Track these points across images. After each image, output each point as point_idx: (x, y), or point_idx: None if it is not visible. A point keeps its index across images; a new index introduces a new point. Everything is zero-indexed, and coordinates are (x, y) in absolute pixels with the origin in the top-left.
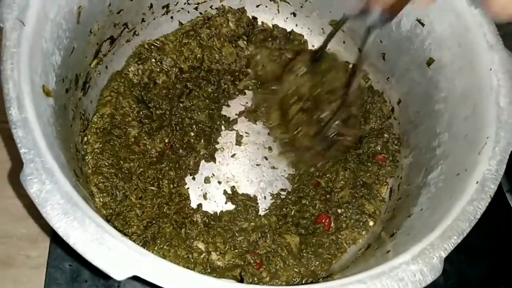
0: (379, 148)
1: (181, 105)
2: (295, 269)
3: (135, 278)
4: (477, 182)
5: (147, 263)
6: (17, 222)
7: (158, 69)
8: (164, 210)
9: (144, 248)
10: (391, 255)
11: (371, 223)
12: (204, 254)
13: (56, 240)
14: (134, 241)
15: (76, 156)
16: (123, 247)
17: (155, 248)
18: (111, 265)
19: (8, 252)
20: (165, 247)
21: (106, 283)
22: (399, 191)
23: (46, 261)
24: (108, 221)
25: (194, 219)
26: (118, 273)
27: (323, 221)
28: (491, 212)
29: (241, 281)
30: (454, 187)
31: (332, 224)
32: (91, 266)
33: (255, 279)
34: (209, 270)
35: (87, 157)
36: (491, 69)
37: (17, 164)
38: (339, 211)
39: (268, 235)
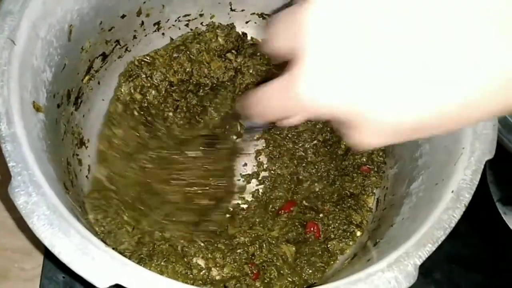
0: (364, 160)
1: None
2: (288, 278)
3: (119, 286)
4: (452, 191)
5: (128, 272)
6: (12, 235)
7: (149, 84)
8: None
9: (140, 264)
10: (370, 263)
11: (358, 233)
12: (204, 270)
13: (50, 252)
14: (129, 258)
15: (67, 169)
16: (106, 257)
17: (152, 265)
18: (94, 274)
19: (3, 264)
20: (162, 263)
21: None
22: (385, 201)
23: (40, 273)
24: (102, 240)
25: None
26: (101, 282)
27: (312, 229)
28: (482, 222)
29: None
30: (432, 196)
31: (321, 233)
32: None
33: None
34: (208, 284)
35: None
36: None
37: (6, 177)
38: (325, 221)
39: (264, 245)
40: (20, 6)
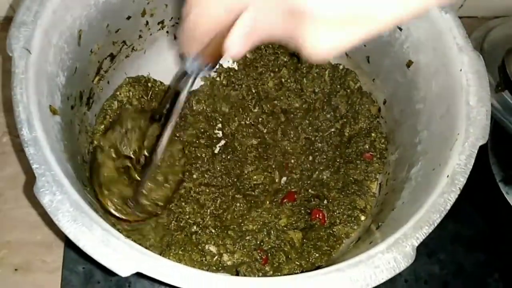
0: (367, 147)
1: None
2: (296, 262)
3: (140, 275)
4: (448, 176)
5: (147, 261)
6: (33, 230)
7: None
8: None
9: (161, 255)
10: (372, 246)
11: (362, 218)
12: (216, 256)
13: (70, 245)
14: (152, 251)
15: (83, 167)
16: (126, 247)
17: (171, 254)
18: (116, 263)
19: (26, 258)
20: (179, 252)
21: (117, 283)
22: (387, 186)
23: (61, 265)
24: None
25: (206, 225)
26: (123, 270)
27: (317, 216)
28: (485, 203)
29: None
30: (429, 181)
31: (327, 219)
32: (103, 268)
33: (260, 274)
34: (220, 269)
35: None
36: (461, 70)
37: (29, 176)
38: (330, 207)
39: (272, 232)
40: (33, 16)
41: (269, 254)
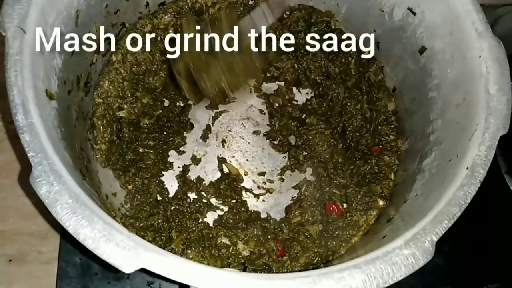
0: (377, 141)
1: None
2: (313, 249)
3: (143, 270)
4: (467, 168)
5: (153, 256)
6: (27, 220)
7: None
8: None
9: (181, 255)
10: (386, 240)
11: (380, 203)
12: (231, 247)
13: (66, 235)
14: (175, 252)
15: (81, 156)
16: (130, 242)
17: (191, 254)
18: (120, 259)
19: (21, 248)
20: (200, 248)
21: (116, 275)
22: (396, 178)
23: (57, 256)
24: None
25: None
26: (127, 267)
27: (331, 208)
28: (490, 194)
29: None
30: (446, 173)
31: (343, 210)
32: (101, 260)
33: (278, 264)
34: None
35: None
36: (480, 57)
37: (24, 164)
38: (347, 199)
39: (283, 225)
40: None
41: (286, 246)
